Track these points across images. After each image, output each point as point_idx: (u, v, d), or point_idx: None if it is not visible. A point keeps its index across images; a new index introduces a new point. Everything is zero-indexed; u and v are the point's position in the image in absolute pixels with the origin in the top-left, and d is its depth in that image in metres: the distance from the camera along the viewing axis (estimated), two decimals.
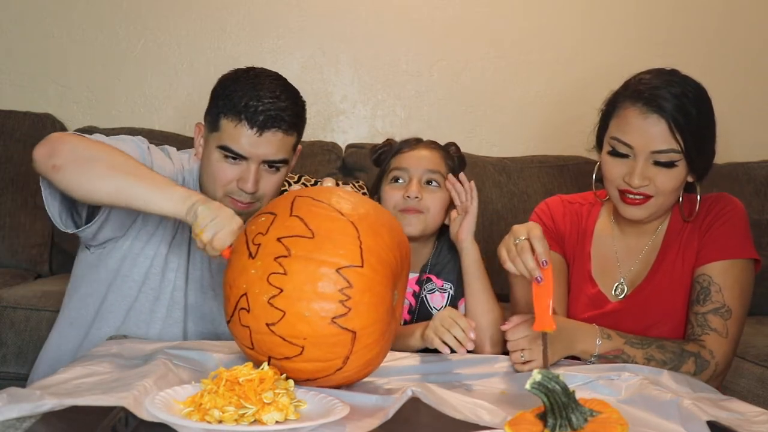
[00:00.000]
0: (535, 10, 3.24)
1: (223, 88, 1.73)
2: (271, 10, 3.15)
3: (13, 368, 2.35)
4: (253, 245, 1.32)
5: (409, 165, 1.90)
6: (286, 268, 1.28)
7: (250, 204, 1.74)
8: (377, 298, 1.31)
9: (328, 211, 1.33)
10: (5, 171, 2.83)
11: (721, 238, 1.71)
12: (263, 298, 1.28)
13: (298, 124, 1.76)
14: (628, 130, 1.67)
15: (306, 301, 1.27)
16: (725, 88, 3.21)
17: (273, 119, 1.69)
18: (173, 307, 1.81)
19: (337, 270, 1.28)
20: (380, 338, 1.33)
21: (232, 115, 1.69)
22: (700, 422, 1.23)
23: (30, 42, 3.06)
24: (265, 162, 1.72)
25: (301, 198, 1.37)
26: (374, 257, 1.31)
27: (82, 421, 1.12)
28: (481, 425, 1.20)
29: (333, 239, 1.30)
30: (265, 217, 1.36)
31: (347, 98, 3.21)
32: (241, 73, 1.74)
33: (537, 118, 3.27)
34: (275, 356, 1.30)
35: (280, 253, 1.29)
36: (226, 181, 1.73)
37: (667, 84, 1.66)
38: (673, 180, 1.67)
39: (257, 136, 1.69)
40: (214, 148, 1.73)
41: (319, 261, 1.28)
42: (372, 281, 1.30)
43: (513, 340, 1.55)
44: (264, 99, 1.68)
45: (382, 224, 1.36)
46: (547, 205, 1.89)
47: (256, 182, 1.71)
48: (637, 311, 1.75)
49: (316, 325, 1.27)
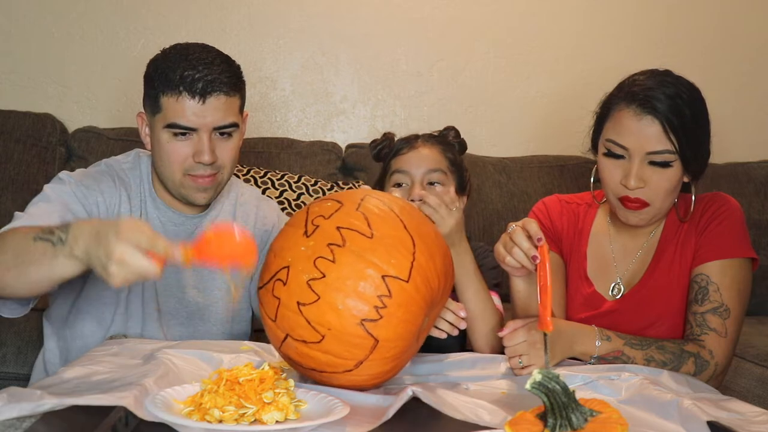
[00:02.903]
0: (535, 10, 3.24)
1: (155, 68, 1.71)
2: (271, 10, 3.15)
3: (13, 368, 2.34)
4: (312, 225, 1.32)
5: (409, 167, 1.88)
6: (335, 257, 1.28)
7: (213, 177, 1.71)
8: (410, 316, 1.30)
9: (392, 219, 1.33)
10: (5, 171, 2.83)
11: (718, 238, 1.71)
12: (304, 277, 1.28)
13: (238, 85, 1.72)
14: (623, 131, 1.67)
15: (343, 294, 1.26)
16: (725, 88, 3.22)
17: (212, 84, 1.66)
18: (148, 304, 1.78)
19: (382, 276, 1.27)
20: (398, 355, 1.33)
21: (170, 91, 1.66)
22: (700, 422, 1.23)
23: (30, 42, 3.06)
24: (216, 129, 1.69)
25: (372, 198, 1.37)
26: (421, 277, 1.31)
27: (82, 420, 1.12)
28: (481, 425, 1.20)
29: (389, 246, 1.29)
30: (332, 204, 1.36)
31: (347, 98, 3.21)
32: (169, 50, 1.72)
33: (537, 118, 3.27)
34: (293, 336, 1.30)
35: (334, 240, 1.29)
36: (181, 159, 1.69)
37: (661, 85, 1.66)
38: (669, 180, 1.67)
39: (201, 105, 1.65)
40: (161, 129, 1.69)
41: (368, 261, 1.28)
42: (411, 299, 1.30)
43: (510, 346, 1.55)
44: (198, 67, 1.66)
45: (438, 248, 1.36)
46: (544, 204, 1.90)
47: (212, 151, 1.68)
48: (633, 311, 1.75)
49: (344, 320, 1.26)
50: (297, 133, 3.19)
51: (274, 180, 2.79)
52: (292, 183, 2.79)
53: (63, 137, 2.95)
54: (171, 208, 1.79)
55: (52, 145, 2.91)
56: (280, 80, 3.19)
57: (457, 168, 1.93)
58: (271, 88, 3.19)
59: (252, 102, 3.18)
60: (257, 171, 2.82)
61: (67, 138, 2.96)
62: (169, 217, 1.79)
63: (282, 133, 3.18)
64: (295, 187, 2.79)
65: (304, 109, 3.21)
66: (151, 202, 1.79)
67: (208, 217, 1.83)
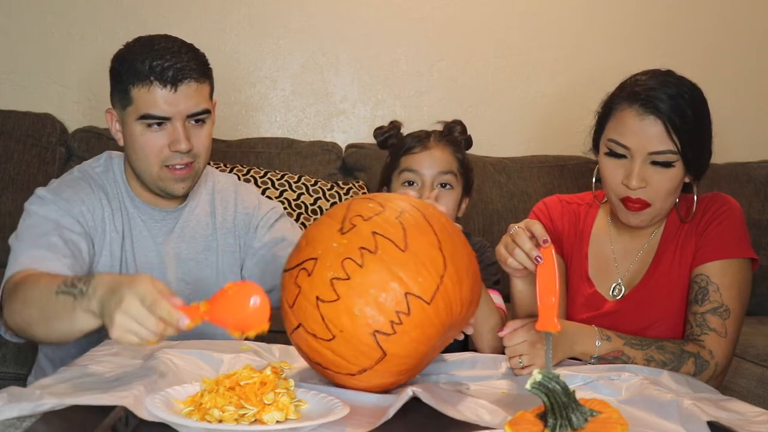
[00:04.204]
0: (535, 10, 3.24)
1: (121, 62, 1.70)
2: (271, 10, 3.15)
3: (13, 368, 2.34)
4: (349, 223, 1.31)
5: (420, 167, 1.91)
6: (364, 262, 1.27)
7: (189, 165, 1.71)
8: (424, 337, 1.29)
9: (429, 236, 1.31)
10: (5, 171, 2.83)
11: (718, 238, 1.71)
12: (329, 274, 1.27)
13: (206, 72, 1.72)
14: (625, 131, 1.67)
15: (363, 301, 1.26)
16: (725, 88, 3.22)
17: (182, 71, 1.65)
18: None
19: (405, 293, 1.26)
20: (404, 371, 1.32)
21: (140, 82, 1.65)
22: (700, 422, 1.23)
23: (30, 42, 3.06)
24: (189, 117, 1.69)
25: (414, 209, 1.35)
26: (444, 302, 1.29)
27: (82, 420, 1.12)
28: (481, 425, 1.20)
29: (419, 264, 1.28)
30: (374, 206, 1.34)
31: (347, 98, 3.21)
32: (132, 43, 1.72)
33: (537, 118, 3.27)
34: (306, 327, 1.29)
35: (367, 245, 1.28)
36: (157, 150, 1.68)
37: (663, 85, 1.66)
38: (670, 181, 1.67)
39: (173, 93, 1.65)
40: (133, 122, 1.68)
41: (395, 275, 1.26)
42: (429, 321, 1.28)
43: (510, 346, 1.55)
44: (166, 56, 1.65)
45: (468, 276, 1.34)
46: (545, 205, 1.89)
47: (188, 139, 1.68)
48: (634, 312, 1.75)
49: (357, 326, 1.26)
50: (297, 133, 3.19)
51: (274, 180, 2.79)
52: (292, 183, 2.79)
53: (63, 137, 2.95)
54: (149, 205, 1.79)
55: (52, 145, 2.91)
56: (280, 80, 3.19)
57: (465, 169, 1.97)
58: (271, 88, 3.19)
59: (252, 102, 3.18)
60: (257, 171, 2.81)
61: (67, 138, 2.96)
62: (149, 214, 1.79)
63: (282, 133, 3.18)
64: (295, 187, 2.79)
65: (304, 109, 3.21)
66: (130, 201, 1.79)
67: (187, 209, 1.82)
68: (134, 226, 1.78)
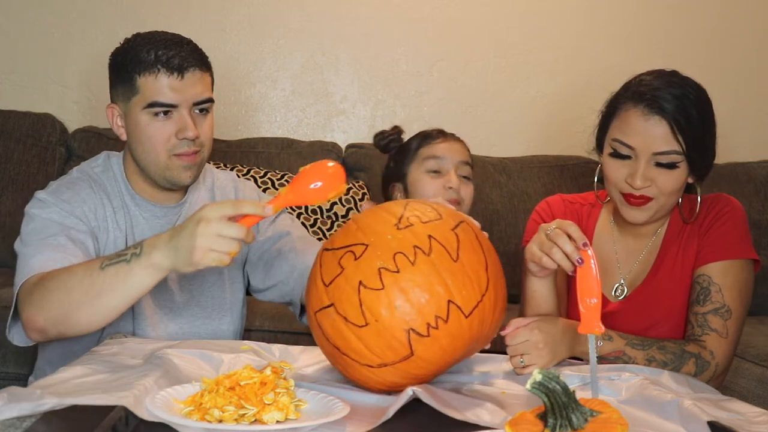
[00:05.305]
0: (535, 10, 3.25)
1: (124, 55, 1.71)
2: (271, 10, 3.15)
3: (13, 368, 2.35)
4: (406, 220, 1.33)
5: (444, 154, 2.02)
6: (416, 260, 1.28)
7: (196, 153, 1.72)
8: (452, 348, 1.31)
9: (479, 255, 1.34)
10: (5, 171, 2.83)
11: (721, 239, 1.71)
12: (378, 263, 1.28)
13: (208, 64, 1.74)
14: (630, 131, 1.67)
15: (405, 297, 1.27)
16: (725, 88, 3.22)
17: (187, 60, 1.68)
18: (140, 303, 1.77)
19: (448, 300, 1.28)
20: (419, 376, 1.32)
21: (147, 71, 1.67)
22: (701, 422, 1.23)
23: (30, 42, 3.07)
24: (195, 105, 1.70)
25: (468, 229, 1.37)
26: (479, 318, 1.31)
27: (82, 420, 1.12)
28: (481, 425, 1.20)
29: (466, 277, 1.30)
30: (432, 212, 1.36)
31: (347, 98, 3.22)
32: (132, 38, 1.74)
33: (537, 118, 3.27)
34: (338, 309, 1.30)
35: (422, 245, 1.30)
36: (164, 138, 1.69)
37: (668, 85, 1.66)
38: (675, 181, 1.67)
39: (180, 81, 1.67)
40: (139, 112, 1.69)
41: (441, 281, 1.28)
42: (462, 333, 1.30)
43: (512, 345, 1.55)
44: (170, 46, 1.68)
45: (502, 301, 1.37)
46: (548, 204, 1.89)
47: (195, 126, 1.69)
48: (636, 312, 1.75)
49: (393, 321, 1.27)
50: (297, 133, 3.19)
51: (274, 180, 2.79)
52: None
53: (63, 137, 2.96)
54: (150, 202, 1.79)
55: (52, 145, 2.91)
56: (280, 80, 3.19)
57: (472, 167, 2.11)
58: (271, 88, 3.19)
59: (252, 102, 3.19)
60: (257, 171, 2.82)
61: (67, 138, 2.97)
62: (151, 211, 1.80)
63: (282, 133, 3.18)
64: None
65: (304, 109, 3.21)
66: (131, 199, 1.79)
67: (187, 204, 1.82)
68: (136, 223, 1.78)
